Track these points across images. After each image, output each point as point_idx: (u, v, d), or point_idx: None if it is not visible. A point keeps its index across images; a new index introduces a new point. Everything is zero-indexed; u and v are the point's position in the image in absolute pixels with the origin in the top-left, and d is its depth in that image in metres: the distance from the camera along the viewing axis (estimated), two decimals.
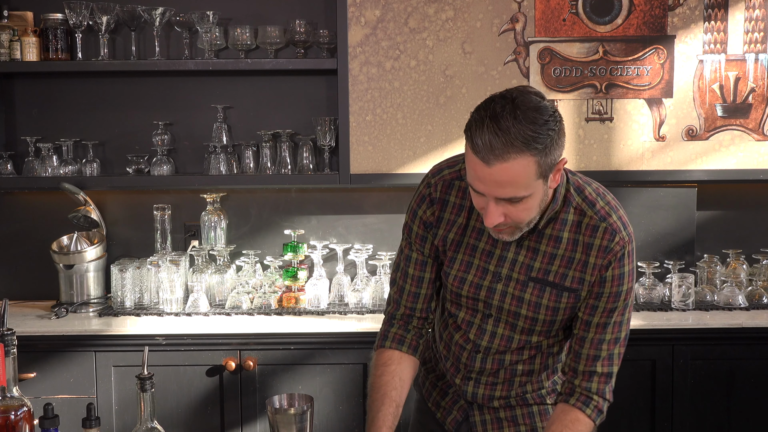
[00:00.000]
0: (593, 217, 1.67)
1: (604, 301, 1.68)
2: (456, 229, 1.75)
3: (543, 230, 1.69)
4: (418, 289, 1.82)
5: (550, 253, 1.69)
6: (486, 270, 1.73)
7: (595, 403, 1.70)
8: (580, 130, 3.12)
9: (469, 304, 1.78)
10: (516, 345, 1.77)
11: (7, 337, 1.55)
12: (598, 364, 1.70)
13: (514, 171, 1.49)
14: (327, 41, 3.12)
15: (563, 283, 1.69)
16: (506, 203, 1.55)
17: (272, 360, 2.82)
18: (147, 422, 1.51)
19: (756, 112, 3.10)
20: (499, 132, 1.47)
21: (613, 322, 1.69)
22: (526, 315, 1.72)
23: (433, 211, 1.77)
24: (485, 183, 1.53)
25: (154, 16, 3.07)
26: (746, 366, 2.81)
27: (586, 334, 1.70)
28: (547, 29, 3.08)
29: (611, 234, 1.66)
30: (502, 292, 1.72)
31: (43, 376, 2.79)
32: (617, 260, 1.66)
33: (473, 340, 1.79)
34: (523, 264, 1.71)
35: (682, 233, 3.18)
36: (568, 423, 1.69)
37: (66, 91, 3.28)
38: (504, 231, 1.63)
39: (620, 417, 2.81)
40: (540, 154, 1.50)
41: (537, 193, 1.56)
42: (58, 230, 3.18)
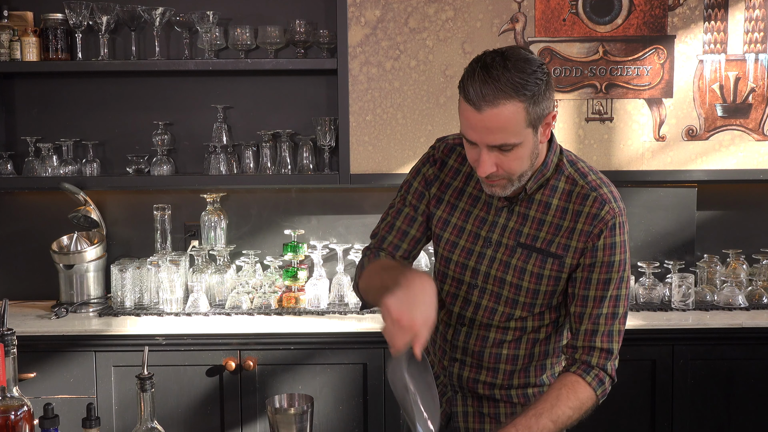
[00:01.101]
0: (584, 186, 1.70)
1: (597, 272, 1.69)
2: (451, 192, 1.79)
3: (533, 196, 1.72)
4: (400, 242, 1.83)
5: (539, 218, 1.71)
6: (477, 235, 1.76)
7: (596, 372, 1.69)
8: (580, 130, 3.12)
9: (456, 272, 1.79)
10: (499, 318, 1.77)
11: (7, 337, 1.55)
12: (596, 339, 1.69)
13: (504, 116, 1.55)
14: (327, 41, 3.12)
15: (549, 249, 1.70)
16: (498, 152, 1.59)
17: (272, 360, 2.82)
18: (147, 422, 1.51)
19: (756, 112, 3.10)
20: (489, 80, 1.55)
21: (609, 296, 1.69)
22: (510, 282, 1.73)
23: (434, 170, 1.82)
24: (477, 130, 1.58)
25: (154, 16, 3.07)
26: (746, 366, 2.81)
27: (584, 309, 1.70)
28: (547, 29, 3.08)
29: (601, 203, 1.68)
30: (490, 258, 1.74)
31: (43, 376, 2.79)
32: (608, 229, 1.67)
33: (458, 313, 1.80)
34: (512, 229, 1.73)
35: (682, 233, 3.18)
36: (567, 383, 1.67)
37: (66, 91, 3.28)
38: (496, 183, 1.65)
39: (620, 417, 2.81)
40: (529, 100, 1.55)
41: (527, 142, 1.60)
42: (58, 230, 3.18)
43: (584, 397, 1.67)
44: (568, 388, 1.66)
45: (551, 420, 1.60)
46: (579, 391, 1.66)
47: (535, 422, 1.59)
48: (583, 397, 1.67)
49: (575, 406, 1.65)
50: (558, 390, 1.66)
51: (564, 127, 3.11)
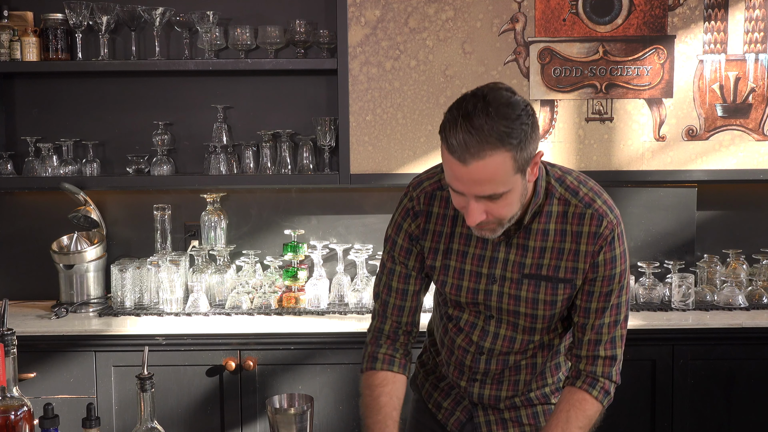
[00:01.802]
0: (578, 204, 1.68)
1: (599, 286, 1.69)
2: (444, 239, 1.75)
3: (530, 225, 1.69)
4: (402, 302, 1.81)
5: (540, 247, 1.69)
6: (480, 274, 1.73)
7: (601, 384, 1.71)
8: (580, 130, 3.11)
9: (470, 307, 1.78)
10: (519, 346, 1.77)
11: (7, 337, 1.55)
12: (600, 348, 1.71)
13: (491, 168, 1.49)
14: (327, 41, 3.12)
15: (557, 275, 1.69)
16: (486, 201, 1.55)
17: (272, 360, 2.82)
18: (147, 422, 1.51)
19: (756, 112, 3.10)
20: (472, 130, 1.48)
21: (611, 305, 1.70)
22: (525, 313, 1.72)
23: (418, 224, 1.77)
24: (463, 182, 1.53)
25: (154, 16, 3.07)
26: (746, 366, 2.81)
27: (586, 321, 1.71)
28: (547, 29, 3.08)
29: (598, 219, 1.66)
30: (498, 293, 1.73)
31: (43, 376, 2.79)
32: (608, 244, 1.67)
33: (476, 342, 1.79)
34: (514, 262, 1.71)
35: (682, 233, 3.18)
36: (575, 403, 1.69)
37: (66, 91, 3.28)
38: (486, 228, 1.62)
39: (620, 417, 2.81)
40: (515, 149, 1.50)
41: (516, 188, 1.56)
42: (58, 230, 3.18)
43: (592, 413, 1.71)
44: (576, 409, 1.69)
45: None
46: (587, 409, 1.70)
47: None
48: (591, 413, 1.71)
49: (584, 425, 1.70)
50: (567, 412, 1.69)
51: (564, 127, 3.11)
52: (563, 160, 3.11)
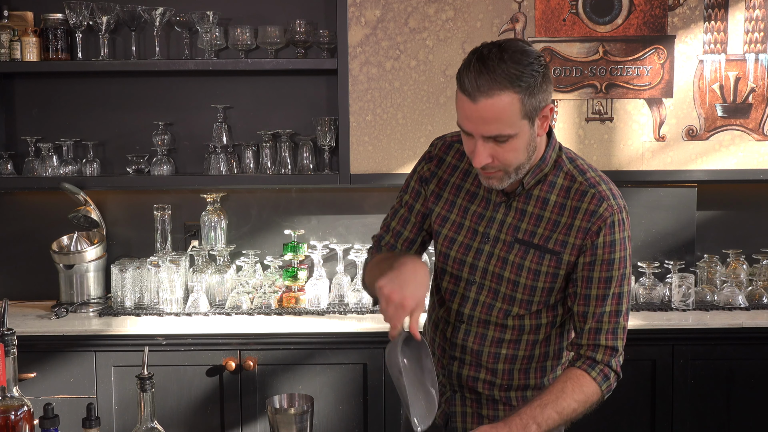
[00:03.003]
0: (583, 182, 1.71)
1: (598, 271, 1.69)
2: (449, 189, 1.80)
3: (531, 191, 1.72)
4: (395, 242, 1.88)
5: (537, 214, 1.72)
6: (476, 231, 1.77)
7: (600, 368, 1.69)
8: (580, 130, 3.11)
9: (454, 269, 1.79)
10: (497, 315, 1.77)
11: (7, 337, 1.55)
12: (601, 337, 1.70)
13: (499, 107, 1.55)
14: (327, 41, 3.12)
15: (546, 245, 1.70)
16: (493, 143, 1.60)
17: (272, 360, 2.82)
18: (147, 422, 1.51)
19: (756, 112, 3.10)
20: (484, 70, 1.55)
21: (612, 293, 1.70)
22: (508, 278, 1.74)
23: (430, 167, 1.83)
24: (472, 121, 1.59)
25: (154, 16, 3.07)
26: (746, 366, 2.81)
27: (587, 308, 1.70)
28: (547, 29, 3.08)
29: (599, 200, 1.69)
30: (488, 254, 1.75)
31: (43, 376, 2.79)
32: (607, 226, 1.68)
33: (456, 310, 1.80)
34: (510, 225, 1.74)
35: (682, 233, 3.18)
36: (572, 377, 1.67)
37: (66, 91, 3.28)
38: (493, 176, 1.66)
39: (620, 417, 2.81)
40: (524, 92, 1.56)
41: (523, 134, 1.60)
42: (58, 230, 3.18)
43: (589, 391, 1.67)
44: (573, 382, 1.66)
45: (556, 411, 1.61)
46: (584, 385, 1.67)
47: (540, 413, 1.59)
48: (588, 392, 1.67)
49: (580, 400, 1.65)
50: (563, 383, 1.66)
51: (564, 127, 3.11)
52: None
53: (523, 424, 1.57)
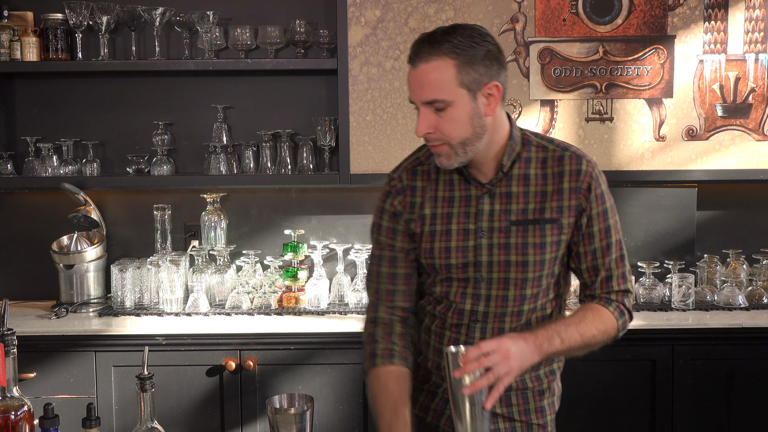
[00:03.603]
0: (555, 149, 1.77)
1: (597, 224, 1.75)
2: (428, 205, 1.80)
3: (511, 172, 1.76)
4: (393, 286, 1.83)
5: (523, 192, 1.75)
6: (467, 231, 1.77)
7: (616, 305, 1.76)
8: (580, 130, 3.11)
9: (459, 273, 1.78)
10: (512, 304, 1.77)
11: (7, 337, 1.55)
12: (612, 283, 1.77)
13: (434, 72, 1.63)
14: (327, 41, 3.12)
15: (543, 216, 1.74)
16: (433, 112, 1.66)
17: (272, 360, 2.82)
18: (147, 422, 1.51)
19: (756, 112, 3.10)
20: (427, 41, 1.66)
21: (614, 241, 1.76)
22: (516, 261, 1.74)
23: (402, 199, 1.83)
24: (413, 87, 1.67)
25: (154, 16, 3.07)
26: (746, 366, 2.81)
27: (596, 262, 1.76)
28: (547, 29, 3.08)
29: (578, 159, 1.75)
30: (488, 246, 1.75)
31: (43, 376, 2.79)
32: (594, 180, 1.74)
33: (469, 310, 1.78)
34: (500, 211, 1.75)
35: (682, 233, 3.18)
36: (592, 308, 1.75)
37: (66, 91, 3.28)
38: (440, 151, 1.70)
39: (620, 417, 2.81)
40: (460, 59, 1.63)
41: (461, 104, 1.65)
42: (58, 230, 3.18)
43: (608, 322, 1.75)
44: (594, 312, 1.74)
45: (579, 332, 1.69)
46: (603, 315, 1.74)
47: (564, 329, 1.67)
48: (607, 322, 1.74)
49: (600, 328, 1.73)
50: (584, 312, 1.74)
51: (564, 127, 3.11)
52: None
53: (548, 336, 1.65)
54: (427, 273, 1.84)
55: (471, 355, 1.52)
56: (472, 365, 1.52)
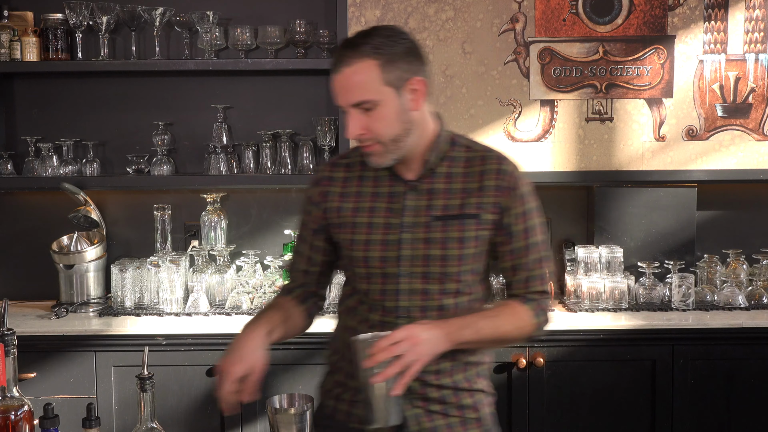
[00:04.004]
0: (480, 149, 1.82)
1: (518, 223, 1.78)
2: (351, 198, 1.83)
3: (436, 169, 1.79)
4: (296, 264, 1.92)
5: (447, 188, 1.78)
6: (389, 224, 1.79)
7: (536, 304, 1.80)
8: (580, 130, 3.11)
9: (379, 267, 1.79)
10: (434, 299, 1.78)
11: (7, 337, 1.55)
12: (531, 284, 1.81)
13: (358, 73, 1.67)
14: (327, 41, 3.12)
15: (464, 211, 1.77)
16: (362, 113, 1.69)
17: (272, 360, 2.78)
18: (147, 422, 1.51)
19: (756, 112, 3.10)
20: (348, 46, 1.70)
21: (534, 242, 1.80)
22: (436, 255, 1.76)
23: (320, 189, 1.86)
24: (339, 92, 1.70)
25: (154, 16, 3.07)
26: (746, 366, 2.81)
27: (516, 261, 1.80)
28: (547, 29, 3.08)
29: (500, 159, 1.80)
30: (410, 240, 1.77)
31: (43, 376, 2.79)
32: (516, 180, 1.79)
33: (393, 306, 1.78)
34: (423, 206, 1.78)
35: (682, 233, 3.18)
36: (509, 304, 1.79)
37: (66, 91, 3.28)
38: (372, 150, 1.73)
39: (620, 417, 2.81)
40: (382, 59, 1.67)
41: (388, 102, 1.68)
42: (58, 230, 3.18)
43: (525, 319, 1.78)
44: (511, 308, 1.78)
45: (493, 326, 1.73)
46: (521, 313, 1.78)
47: (477, 320, 1.72)
48: (524, 320, 1.78)
49: (516, 325, 1.77)
50: (501, 307, 1.80)
51: (564, 127, 3.11)
52: (563, 160, 3.11)
53: (461, 325, 1.68)
54: (348, 270, 1.86)
55: (382, 344, 1.55)
56: (382, 355, 1.54)
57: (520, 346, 2.77)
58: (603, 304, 2.96)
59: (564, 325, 2.80)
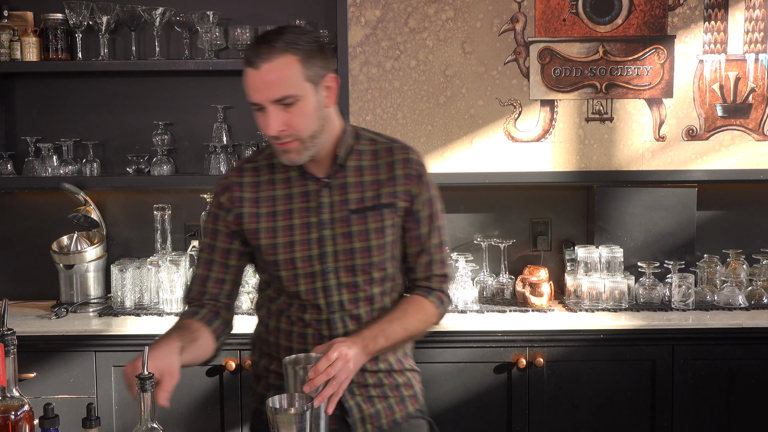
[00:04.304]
0: (384, 142, 1.87)
1: (424, 210, 1.85)
2: (264, 203, 1.83)
3: (345, 164, 1.82)
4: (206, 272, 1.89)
5: (359, 181, 1.82)
6: (309, 224, 1.81)
7: (437, 294, 1.88)
8: (580, 130, 3.11)
9: (305, 267, 1.80)
10: (363, 290, 1.82)
11: (7, 337, 1.54)
12: (433, 267, 1.88)
13: (280, 68, 1.67)
14: (327, 41, 3.12)
15: (380, 201, 1.82)
16: (282, 109, 1.69)
17: None
18: (147, 422, 1.51)
19: (756, 112, 3.10)
20: (264, 42, 1.70)
21: (436, 227, 1.88)
22: (360, 248, 1.80)
23: (229, 195, 1.85)
24: (258, 89, 1.70)
25: (154, 16, 3.07)
26: (746, 366, 2.81)
27: (421, 246, 1.86)
28: (547, 29, 3.08)
29: (405, 149, 1.86)
30: (331, 236, 1.80)
31: (43, 376, 2.79)
32: (422, 168, 1.86)
33: (325, 303, 1.81)
34: (339, 202, 1.81)
35: (682, 233, 3.18)
36: (412, 301, 1.86)
37: (66, 91, 3.28)
38: (290, 148, 1.73)
39: (620, 417, 2.81)
40: (302, 54, 1.69)
41: (308, 98, 1.71)
42: (58, 230, 3.18)
43: (429, 312, 1.86)
44: (416, 305, 1.85)
45: (402, 327, 1.79)
46: (425, 307, 1.86)
47: (387, 326, 1.77)
48: (429, 313, 1.86)
49: (422, 319, 1.85)
50: (406, 305, 1.85)
51: (564, 127, 3.11)
52: (563, 160, 3.11)
53: (373, 336, 1.73)
54: (271, 274, 1.85)
55: (319, 367, 1.59)
56: (320, 378, 1.58)
57: (520, 346, 2.78)
58: (603, 304, 2.96)
59: (564, 325, 2.80)
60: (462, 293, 2.98)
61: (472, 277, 3.06)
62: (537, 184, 3.16)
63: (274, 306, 1.89)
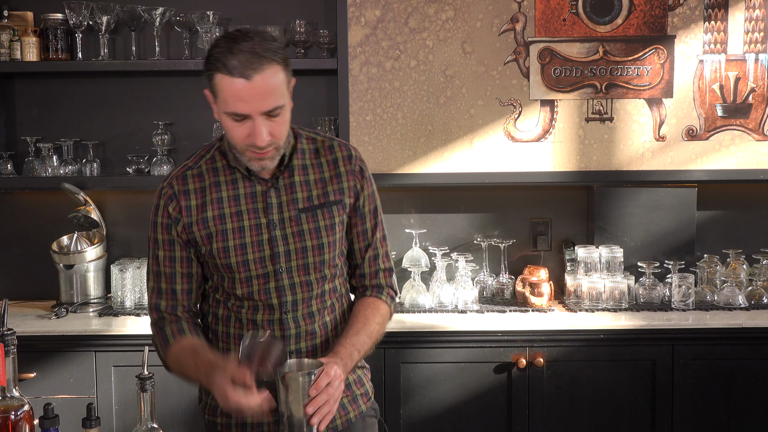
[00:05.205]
0: (323, 140, 1.88)
1: (367, 205, 1.88)
2: (211, 207, 1.81)
3: (291, 163, 1.83)
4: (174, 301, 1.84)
5: (305, 180, 1.83)
6: (259, 225, 1.80)
7: (387, 291, 1.92)
8: (580, 130, 3.11)
9: (258, 269, 1.80)
10: (316, 288, 1.83)
11: (7, 337, 1.55)
12: (379, 261, 1.92)
13: (272, 79, 1.65)
14: (327, 41, 3.12)
15: (328, 199, 1.83)
16: (268, 119, 1.67)
17: None
18: (147, 422, 1.51)
19: (756, 112, 3.10)
20: (247, 51, 1.63)
21: (378, 221, 1.92)
22: (311, 246, 1.81)
23: (175, 205, 1.82)
24: (250, 100, 1.64)
25: (154, 16, 3.08)
26: (746, 366, 2.81)
27: (366, 242, 1.90)
28: (547, 29, 3.08)
29: (345, 146, 1.88)
30: (282, 236, 1.80)
31: (43, 376, 2.79)
32: (363, 163, 1.88)
33: (278, 303, 1.81)
34: (287, 201, 1.81)
35: (682, 233, 3.18)
36: (369, 304, 1.88)
37: (66, 91, 3.28)
38: (267, 155, 1.72)
39: (620, 417, 2.81)
40: (282, 62, 1.67)
41: (288, 105, 1.71)
42: (58, 230, 3.18)
43: (384, 313, 1.90)
44: (372, 308, 1.87)
45: (367, 335, 1.81)
46: (380, 308, 1.88)
47: (357, 340, 1.78)
48: (384, 313, 1.89)
49: (380, 322, 1.87)
50: (364, 310, 1.86)
51: (564, 127, 3.11)
52: (563, 160, 3.11)
53: (349, 353, 1.74)
54: (221, 278, 1.84)
55: (321, 384, 1.59)
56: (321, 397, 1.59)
57: (520, 346, 2.78)
58: (603, 304, 2.96)
59: (564, 325, 2.80)
60: (462, 293, 2.98)
61: (472, 277, 3.06)
62: (537, 184, 3.16)
63: (222, 311, 1.87)
